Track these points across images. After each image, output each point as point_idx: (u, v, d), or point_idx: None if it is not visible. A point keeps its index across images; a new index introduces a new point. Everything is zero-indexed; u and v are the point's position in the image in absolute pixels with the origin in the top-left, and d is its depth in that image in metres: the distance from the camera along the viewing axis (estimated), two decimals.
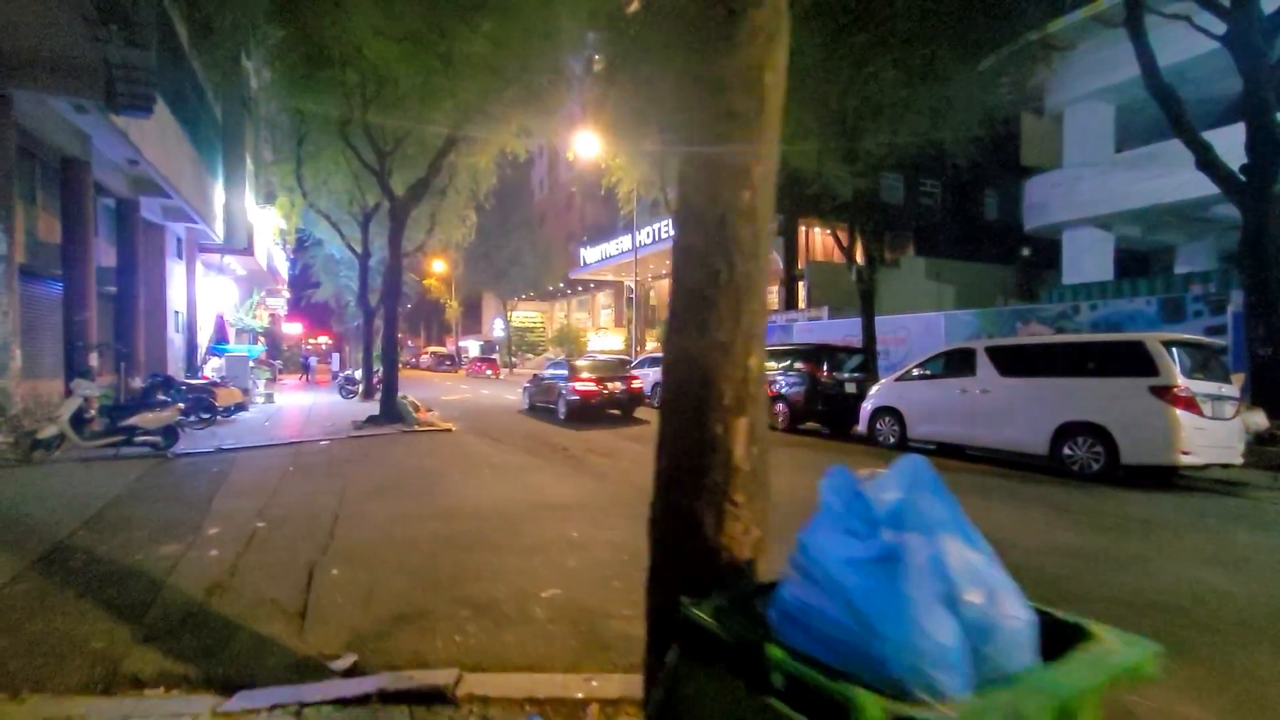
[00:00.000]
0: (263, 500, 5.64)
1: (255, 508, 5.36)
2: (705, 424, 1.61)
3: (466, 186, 18.29)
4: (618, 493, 6.30)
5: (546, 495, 6.12)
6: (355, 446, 9.23)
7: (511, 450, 9.15)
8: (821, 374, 10.82)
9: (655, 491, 1.79)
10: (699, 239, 1.61)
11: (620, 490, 6.40)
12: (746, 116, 1.53)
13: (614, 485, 6.68)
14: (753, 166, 1.58)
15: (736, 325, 1.60)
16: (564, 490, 6.39)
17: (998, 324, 12.91)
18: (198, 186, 13.50)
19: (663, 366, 1.78)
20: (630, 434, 10.85)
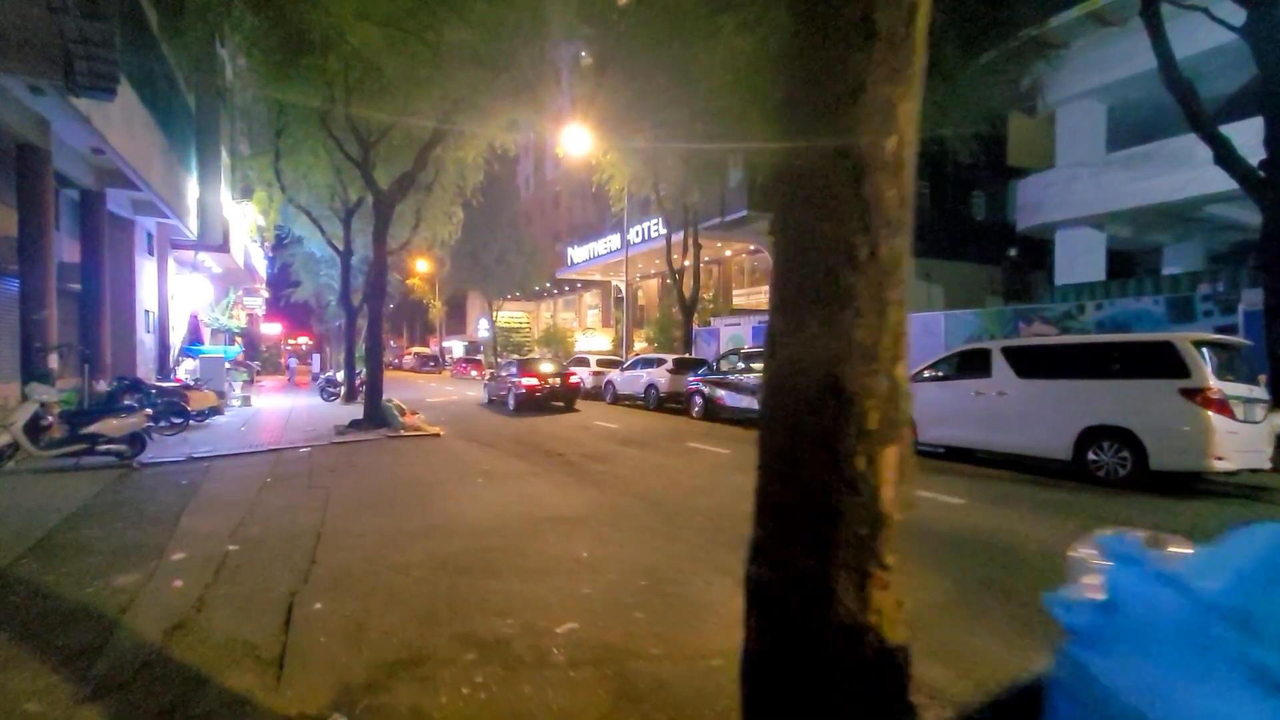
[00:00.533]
0: (236, 517, 5.12)
1: (227, 526, 4.84)
2: (839, 456, 1.19)
3: (453, 182, 17.75)
4: (621, 503, 5.87)
5: (547, 507, 5.67)
6: (338, 454, 8.69)
7: (504, 456, 8.68)
8: None
9: (755, 545, 1.36)
10: (820, 207, 1.19)
11: (624, 500, 5.98)
12: (891, 31, 1.11)
13: (616, 494, 6.25)
14: (898, 103, 1.17)
15: (881, 320, 1.19)
16: (565, 501, 5.94)
17: (999, 324, 12.69)
18: (169, 179, 12.82)
19: (768, 377, 1.35)
20: (626, 437, 10.42)
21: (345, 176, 16.44)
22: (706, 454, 8.80)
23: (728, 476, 7.18)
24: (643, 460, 8.31)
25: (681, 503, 5.92)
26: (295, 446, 9.26)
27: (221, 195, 16.45)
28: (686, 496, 6.19)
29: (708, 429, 11.73)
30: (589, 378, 18.92)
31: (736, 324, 21.26)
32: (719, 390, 12.58)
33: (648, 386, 15.52)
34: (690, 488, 6.60)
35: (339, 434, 10.64)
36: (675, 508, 5.72)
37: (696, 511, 5.58)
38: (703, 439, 10.25)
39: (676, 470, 7.63)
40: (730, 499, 6.04)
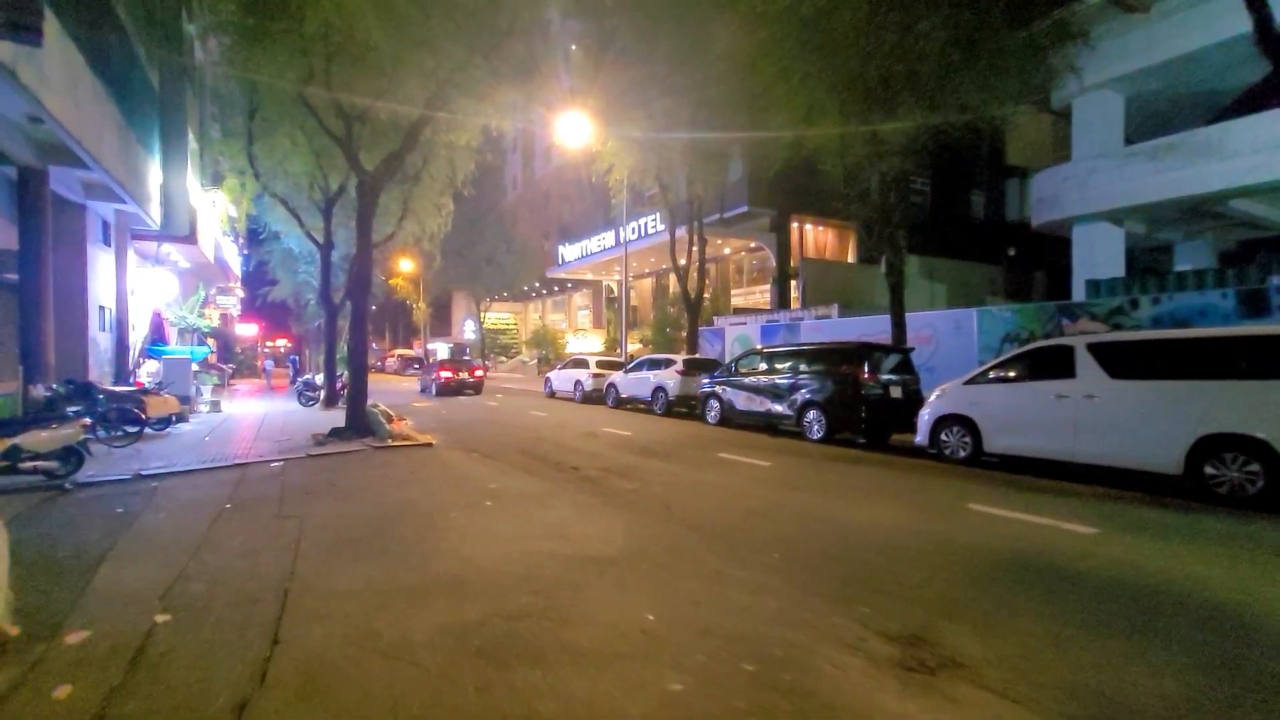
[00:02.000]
0: (177, 565, 3.90)
1: (162, 581, 3.62)
2: None
3: (443, 173, 16.52)
4: (670, 535, 4.74)
5: (580, 542, 4.52)
6: (316, 470, 7.44)
7: (511, 471, 7.50)
8: (864, 376, 9.43)
9: None
10: None
11: (671, 531, 4.84)
12: None
13: (658, 522, 5.11)
14: None
15: None
16: (600, 532, 4.80)
17: (1039, 321, 11.76)
18: (125, 159, 11.45)
19: None
20: (645, 446, 9.28)
21: (325, 162, 15.16)
22: (744, 467, 7.69)
23: (782, 496, 6.08)
24: (673, 475, 7.18)
25: (743, 533, 4.80)
26: (266, 460, 7.98)
27: (188, 182, 15.04)
28: (745, 524, 5.07)
29: (731, 436, 10.63)
30: (588, 380, 17.75)
31: (743, 323, 20.23)
32: (740, 394, 11.48)
33: (655, 389, 14.39)
34: (744, 511, 5.49)
35: (317, 445, 9.38)
36: (738, 540, 4.60)
37: (766, 546, 4.46)
38: (732, 448, 9.14)
39: (717, 488, 6.51)
40: (800, 527, 4.93)
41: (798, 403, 10.27)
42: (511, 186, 53.88)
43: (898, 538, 4.67)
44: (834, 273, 26.07)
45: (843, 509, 5.52)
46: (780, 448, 9.29)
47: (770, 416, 10.93)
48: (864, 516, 5.27)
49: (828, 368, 9.99)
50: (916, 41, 9.72)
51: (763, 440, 10.13)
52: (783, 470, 7.47)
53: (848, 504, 5.72)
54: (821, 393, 9.90)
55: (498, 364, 45.08)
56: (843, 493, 6.22)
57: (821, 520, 5.16)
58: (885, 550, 4.37)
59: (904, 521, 5.11)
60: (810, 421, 10.01)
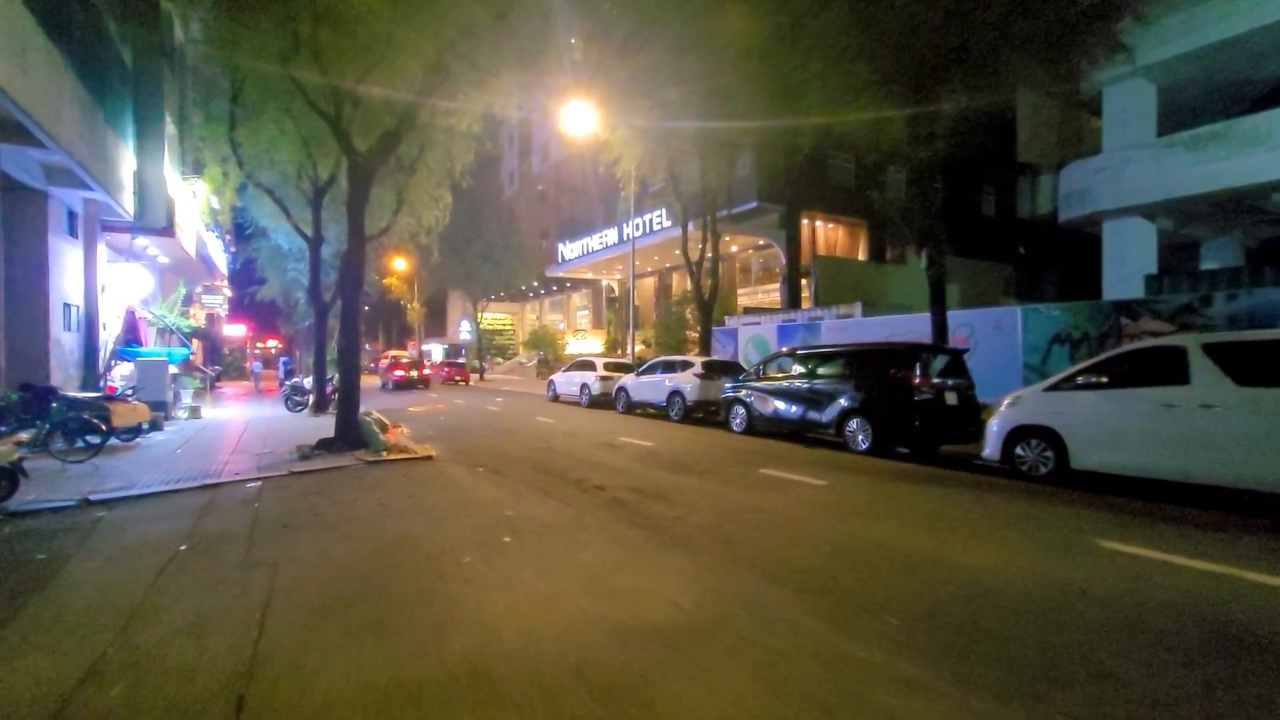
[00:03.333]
0: (93, 649, 2.84)
1: (65, 679, 2.57)
2: None
3: (441, 163, 15.47)
4: (742, 585, 3.71)
5: (633, 601, 3.49)
6: (300, 492, 6.37)
7: (525, 491, 6.46)
8: (917, 381, 8.44)
9: None
10: None
11: (741, 578, 3.81)
12: None
13: (719, 563, 4.09)
14: None
15: None
16: (653, 583, 3.76)
17: (1093, 319, 10.82)
18: (91, 140, 10.34)
19: None
20: (673, 460, 8.25)
21: (315, 149, 14.08)
22: (797, 487, 6.67)
23: (859, 528, 5.06)
24: (718, 498, 6.15)
25: (836, 584, 3.78)
26: (240, 479, 6.90)
27: (166, 170, 13.90)
28: (834, 570, 4.05)
29: (764, 448, 9.62)
30: (595, 383, 16.71)
31: (756, 323, 19.26)
32: (769, 399, 10.48)
33: (671, 394, 13.36)
34: (824, 549, 4.47)
35: (303, 458, 8.30)
36: (835, 596, 3.58)
37: (874, 605, 3.45)
38: (772, 462, 8.12)
39: (777, 517, 5.49)
40: (904, 575, 3.91)
41: (838, 410, 9.27)
42: (508, 183, 52.80)
43: (1034, 591, 3.67)
44: (847, 271, 25.12)
45: (941, 546, 4.51)
46: (826, 462, 8.28)
47: (804, 425, 9.93)
48: (973, 558, 4.27)
49: (874, 371, 8.99)
50: (975, 8, 8.75)
51: (801, 453, 9.12)
52: (844, 492, 6.45)
53: (944, 539, 4.71)
54: (867, 399, 8.90)
55: (494, 365, 43.95)
56: (929, 523, 5.21)
57: (924, 564, 4.15)
58: (1029, 612, 3.36)
59: (1027, 566, 4.10)
60: (854, 431, 9.01)
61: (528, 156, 49.93)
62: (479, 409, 16.85)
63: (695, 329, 24.80)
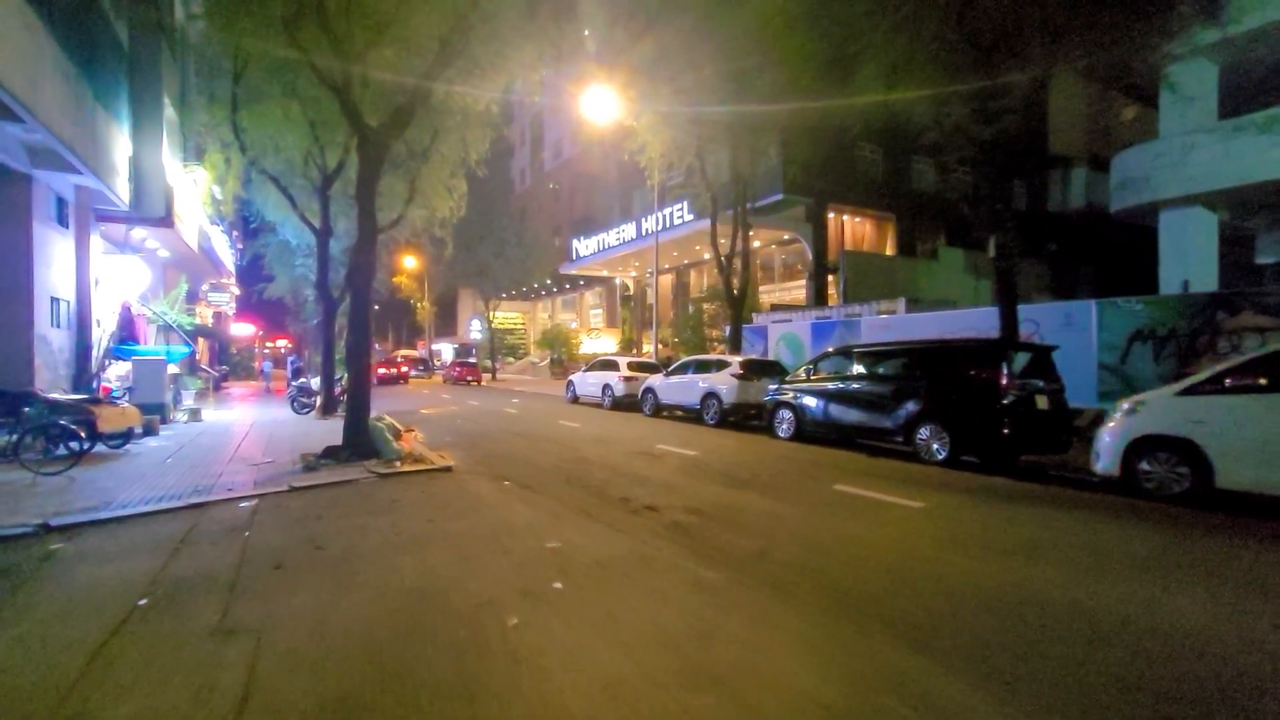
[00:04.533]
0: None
1: None
2: None
3: (455, 151, 14.53)
4: (890, 664, 2.67)
5: (754, 691, 2.47)
6: (299, 514, 5.39)
7: (564, 512, 5.46)
8: (1004, 382, 7.36)
9: None
10: None
11: (885, 652, 2.77)
12: None
13: (848, 627, 3.06)
14: None
15: None
16: (769, 662, 2.73)
17: (1181, 314, 9.69)
18: (77, 118, 9.46)
19: None
20: (726, 473, 7.22)
21: (322, 133, 13.18)
22: (886, 510, 5.62)
23: (996, 568, 4.01)
24: (800, 525, 5.12)
25: (1020, 662, 2.74)
26: (232, 497, 5.93)
27: (164, 156, 13.03)
28: (1004, 640, 3.00)
29: (822, 458, 8.57)
30: (619, 384, 15.70)
31: (787, 320, 18.18)
32: (821, 403, 9.43)
33: (706, 396, 12.31)
34: (962, 600, 3.42)
35: (307, 469, 7.34)
36: (1031, 686, 2.54)
37: (1095, 708, 2.41)
38: (841, 476, 7.08)
39: (887, 552, 4.45)
40: (1104, 649, 2.84)
41: (906, 415, 8.20)
42: (519, 180, 51.92)
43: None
44: (877, 266, 23.99)
45: (1126, 599, 3.46)
46: (902, 475, 7.22)
47: (863, 431, 8.87)
48: (1191, 620, 3.21)
49: (949, 371, 7.93)
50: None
51: (868, 464, 8.06)
52: (948, 517, 5.40)
53: (1123, 588, 3.66)
54: (943, 403, 7.83)
55: (505, 365, 43.03)
56: (1084, 563, 4.15)
57: (1115, 627, 3.10)
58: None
59: (1259, 638, 3.05)
60: (926, 439, 7.93)
61: (539, 154, 49.02)
62: (496, 411, 15.89)
63: (717, 327, 23.78)
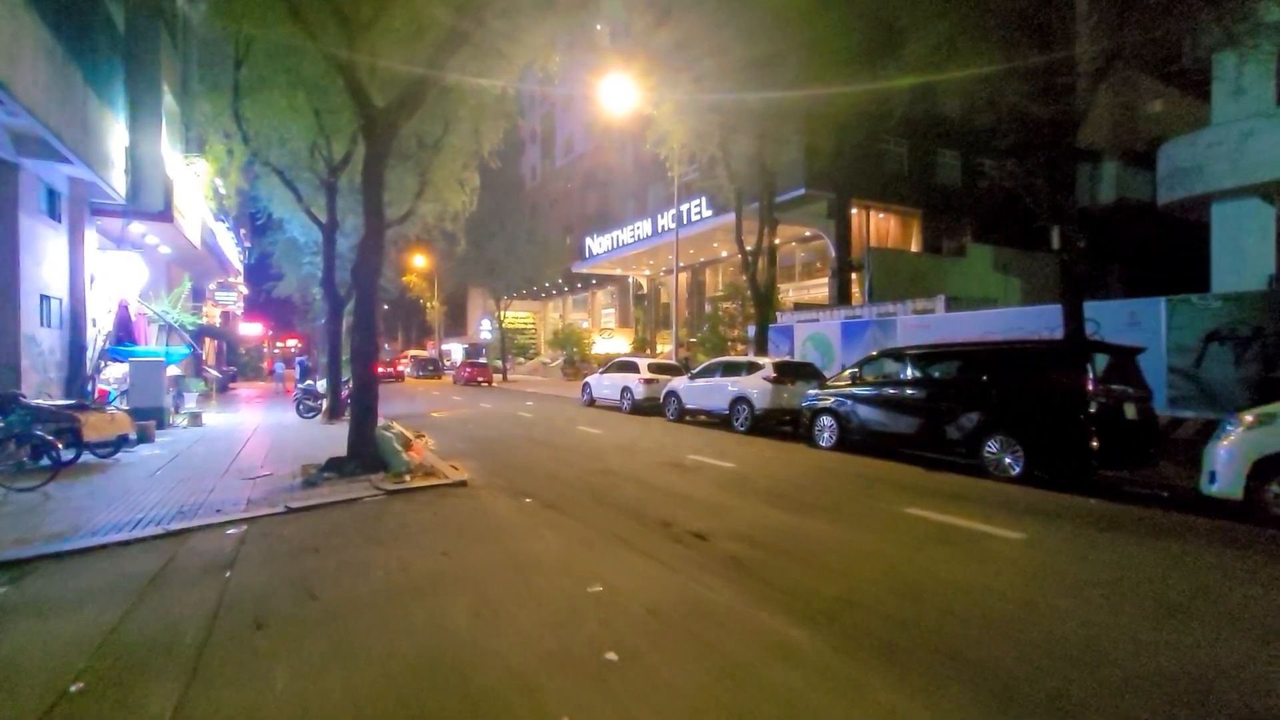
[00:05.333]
0: None
1: None
2: None
3: (467, 143, 13.80)
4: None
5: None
6: (293, 545, 4.63)
7: (597, 540, 4.70)
8: (1089, 388, 6.51)
9: None
10: None
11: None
12: None
13: (981, 708, 2.27)
14: None
15: None
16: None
17: (1268, 312, 8.79)
18: (65, 102, 8.80)
19: None
20: (775, 491, 6.42)
21: (328, 122, 12.47)
22: (979, 541, 4.80)
23: (1169, 632, 3.18)
24: (876, 560, 4.31)
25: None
26: (221, 521, 5.19)
27: (163, 147, 12.39)
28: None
29: (874, 471, 7.75)
30: (639, 387, 14.92)
31: (814, 320, 17.33)
32: (868, 410, 8.60)
33: (736, 400, 11.49)
34: (1127, 678, 2.61)
35: (307, 485, 6.60)
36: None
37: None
38: (908, 496, 6.26)
39: (992, 597, 3.64)
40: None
41: (972, 425, 7.36)
42: (529, 178, 51.24)
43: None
44: (903, 263, 23.07)
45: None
46: (977, 495, 6.38)
47: (920, 442, 8.03)
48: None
49: (1024, 376, 7.08)
50: None
51: (930, 480, 7.22)
52: (1061, 552, 4.56)
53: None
54: (1017, 411, 6.98)
55: (516, 365, 42.34)
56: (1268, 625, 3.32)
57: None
58: None
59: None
60: (995, 452, 7.08)
61: (550, 151, 48.32)
62: (509, 414, 15.15)
63: (737, 327, 22.94)
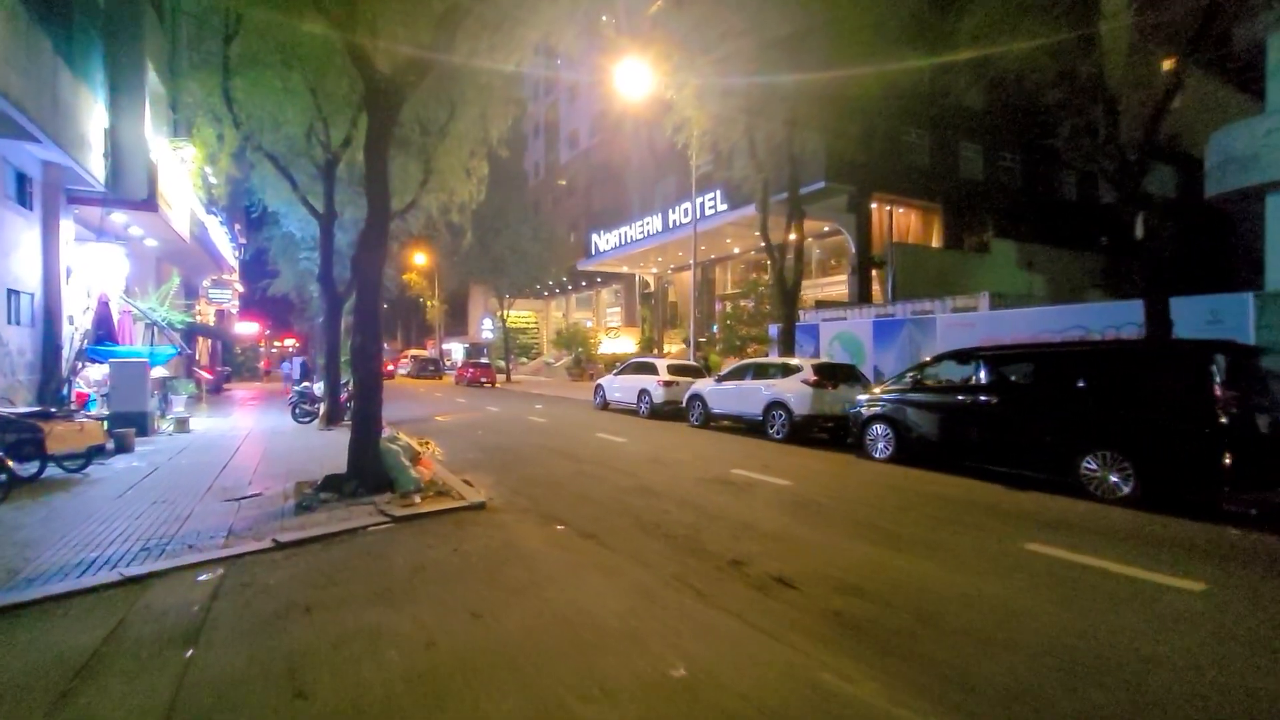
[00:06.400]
0: None
1: None
2: None
3: (474, 130, 12.84)
4: None
5: None
6: (278, 606, 3.63)
7: (657, 587, 3.77)
8: (1220, 397, 5.55)
9: None
10: None
11: None
12: None
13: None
14: None
15: None
16: None
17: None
18: (30, 73, 7.83)
19: None
20: (839, 512, 5.47)
21: (325, 104, 11.51)
22: (1147, 592, 3.83)
23: None
24: (1035, 620, 3.35)
25: None
26: (193, 563, 4.22)
27: (146, 130, 11.42)
28: None
29: (954, 490, 6.79)
30: (658, 390, 13.97)
31: (841, 318, 16.39)
32: (932, 419, 7.64)
33: (771, 405, 10.53)
34: None
35: (301, 509, 5.63)
36: None
37: None
38: (1011, 524, 5.30)
39: (1219, 691, 2.68)
40: None
41: (1065, 437, 6.40)
42: (532, 173, 50.25)
43: None
44: (927, 260, 22.12)
45: None
46: (1096, 523, 5.42)
47: (998, 455, 7.08)
48: None
49: (1131, 381, 6.12)
50: None
51: (1024, 502, 6.26)
52: (1258, 605, 3.60)
53: None
54: (1125, 422, 6.02)
55: (518, 366, 41.36)
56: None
57: None
58: None
59: None
60: (1096, 470, 6.13)
61: (554, 146, 47.34)
62: (519, 419, 14.18)
63: (756, 325, 22.00)
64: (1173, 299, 10.25)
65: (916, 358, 13.26)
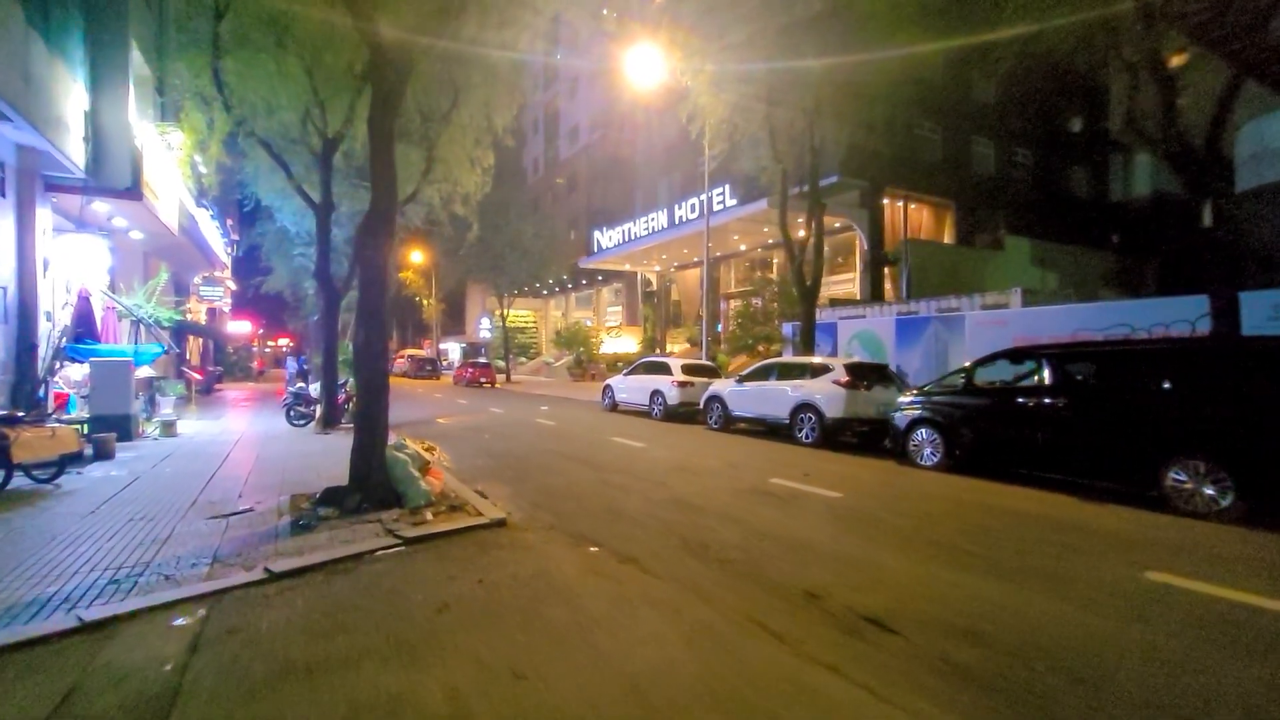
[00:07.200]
0: None
1: None
2: None
3: (478, 117, 12.18)
4: None
5: None
6: (271, 666, 2.95)
7: (723, 627, 3.11)
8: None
9: None
10: None
11: None
12: None
13: None
14: None
15: None
16: None
17: None
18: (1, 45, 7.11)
19: None
20: (902, 529, 4.83)
21: (322, 86, 10.81)
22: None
23: None
24: (1203, 675, 2.70)
25: None
26: (167, 602, 3.52)
27: (130, 113, 10.67)
28: None
29: (1015, 503, 6.16)
30: (672, 390, 13.31)
31: (860, 316, 15.76)
32: (989, 423, 7.01)
33: (799, 408, 9.88)
34: None
35: (298, 529, 4.93)
36: None
37: None
38: (1116, 548, 4.67)
39: None
40: None
41: (1147, 445, 5.77)
42: (531, 170, 49.48)
43: None
44: (941, 257, 21.55)
45: None
46: (1203, 542, 4.78)
47: (1066, 463, 6.45)
48: None
49: (1226, 383, 5.49)
50: None
51: (1103, 517, 5.62)
52: None
53: None
54: (1220, 428, 5.38)
55: (517, 366, 40.61)
56: None
57: None
58: None
59: None
60: (1185, 481, 5.49)
61: (554, 142, 46.60)
62: (526, 421, 13.48)
63: (766, 324, 21.36)
64: (1243, 292, 9.65)
65: (944, 357, 12.65)
